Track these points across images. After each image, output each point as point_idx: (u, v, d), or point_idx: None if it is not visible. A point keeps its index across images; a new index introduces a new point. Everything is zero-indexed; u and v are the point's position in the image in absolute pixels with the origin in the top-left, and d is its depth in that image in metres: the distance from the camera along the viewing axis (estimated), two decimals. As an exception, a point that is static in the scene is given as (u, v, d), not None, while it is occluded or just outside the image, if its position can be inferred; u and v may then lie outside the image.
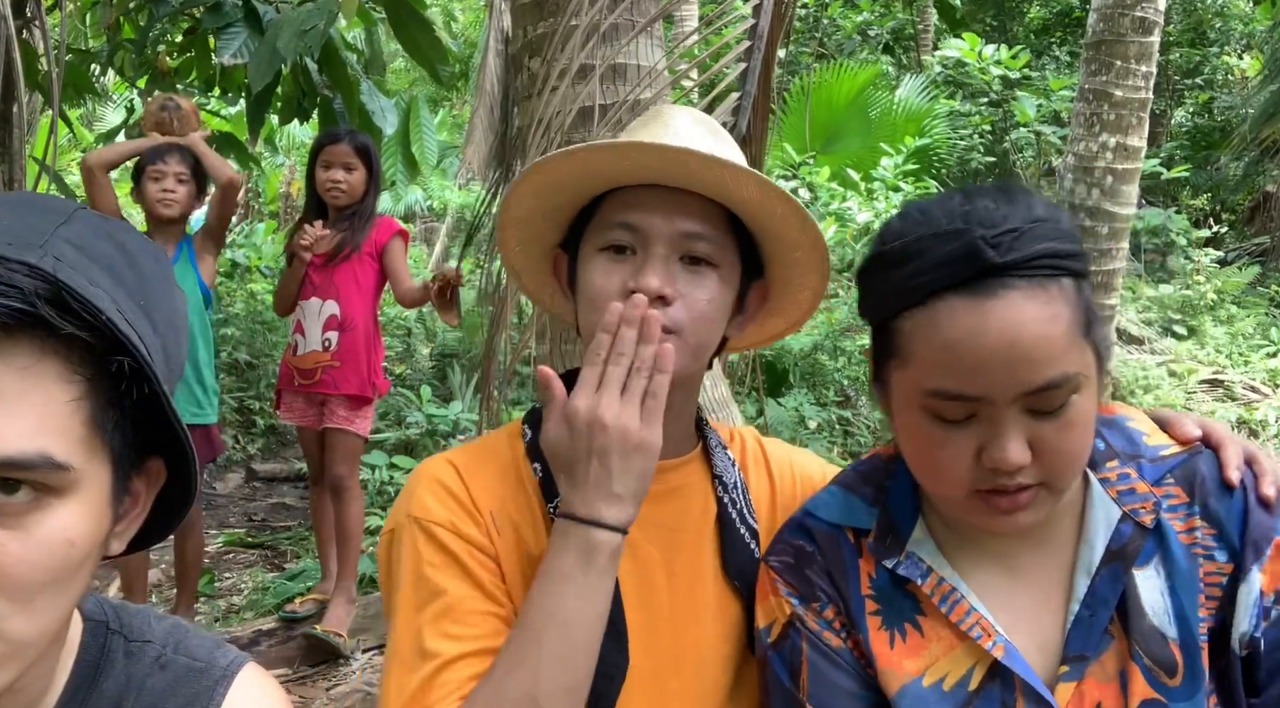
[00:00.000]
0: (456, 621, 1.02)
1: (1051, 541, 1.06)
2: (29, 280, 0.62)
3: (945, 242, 0.95)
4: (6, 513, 0.64)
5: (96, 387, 0.67)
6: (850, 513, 1.12)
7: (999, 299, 0.93)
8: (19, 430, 0.63)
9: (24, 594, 0.64)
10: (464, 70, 14.94)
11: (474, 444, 1.18)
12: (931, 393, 0.97)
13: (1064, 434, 0.95)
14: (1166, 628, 1.00)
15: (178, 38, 5.50)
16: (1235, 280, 9.42)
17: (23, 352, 0.63)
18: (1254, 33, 12.56)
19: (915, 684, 1.03)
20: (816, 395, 5.81)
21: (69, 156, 12.13)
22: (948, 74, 10.39)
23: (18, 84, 3.76)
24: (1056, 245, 0.95)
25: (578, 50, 2.43)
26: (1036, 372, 0.93)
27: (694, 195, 1.08)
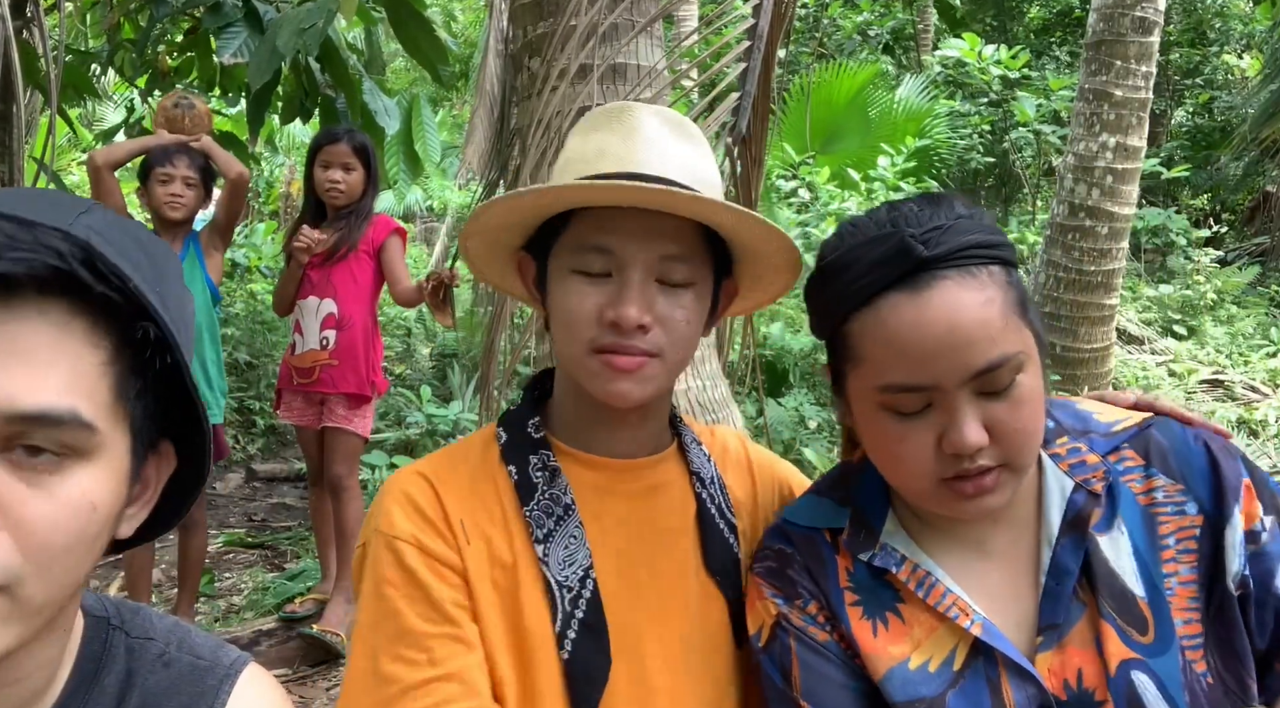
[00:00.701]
0: (411, 645, 1.02)
1: (1016, 519, 1.11)
2: (64, 244, 0.65)
3: (878, 245, 1.02)
4: (33, 472, 0.65)
5: (121, 355, 0.69)
6: (823, 515, 1.17)
7: (934, 290, 1.00)
8: (52, 386, 0.65)
9: (44, 555, 0.66)
10: (464, 70, 14.95)
11: (446, 451, 1.18)
12: (885, 388, 1.03)
13: (1016, 413, 1.01)
14: (1134, 587, 1.05)
15: (178, 38, 5.50)
16: (1235, 280, 9.42)
17: (55, 312, 0.66)
18: (1254, 33, 12.56)
19: (901, 667, 1.07)
20: (816, 395, 5.82)
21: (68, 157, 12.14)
22: (948, 74, 10.39)
23: (17, 84, 3.76)
24: (980, 236, 1.03)
25: (577, 50, 2.43)
26: (979, 353, 0.99)
27: (670, 214, 1.07)
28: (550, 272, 1.12)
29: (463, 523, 1.08)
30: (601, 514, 1.13)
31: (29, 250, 0.64)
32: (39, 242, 0.64)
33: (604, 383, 1.07)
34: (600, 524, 1.12)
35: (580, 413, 1.16)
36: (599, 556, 1.10)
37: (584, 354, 1.07)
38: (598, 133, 1.13)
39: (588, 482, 1.14)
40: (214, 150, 3.65)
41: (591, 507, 1.13)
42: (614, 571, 1.11)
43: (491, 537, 1.09)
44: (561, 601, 1.07)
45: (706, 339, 3.10)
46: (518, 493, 1.11)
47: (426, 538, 1.06)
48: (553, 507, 1.11)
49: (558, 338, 1.11)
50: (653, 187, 1.02)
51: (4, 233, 0.64)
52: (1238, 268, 9.92)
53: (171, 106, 3.70)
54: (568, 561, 1.09)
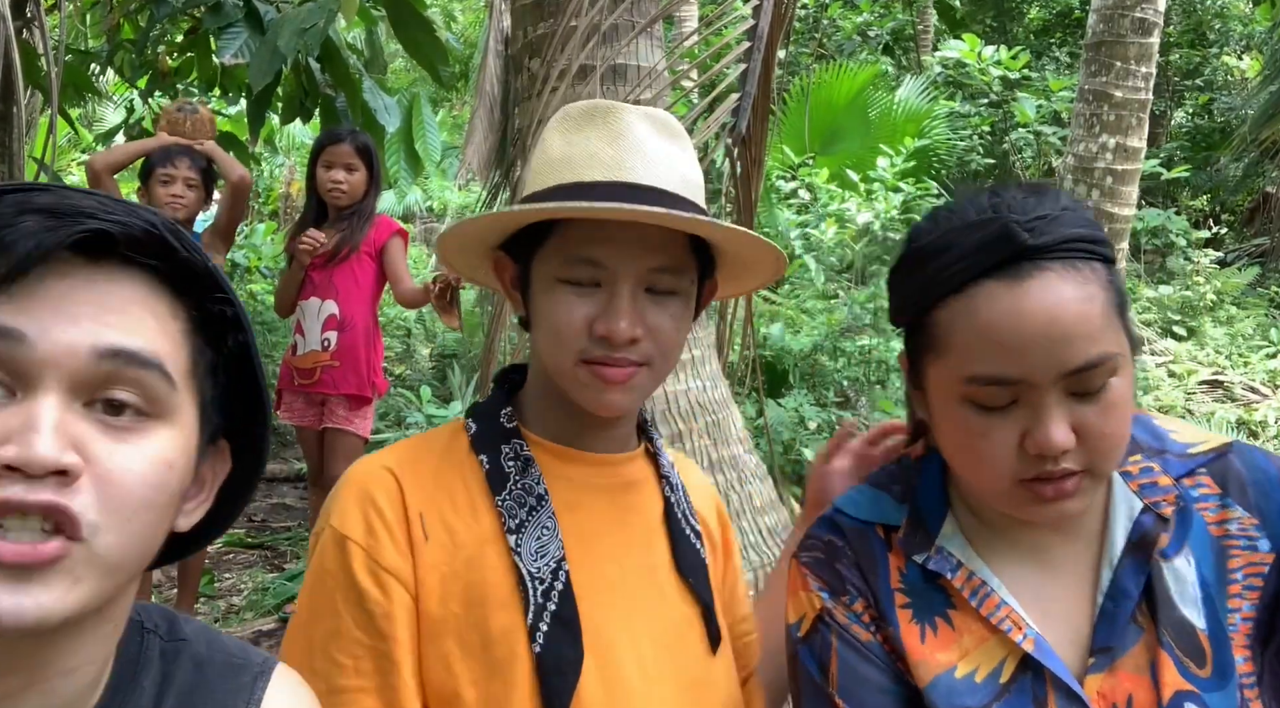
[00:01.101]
0: (342, 649, 1.02)
1: (1080, 533, 1.07)
2: (153, 216, 0.71)
3: (976, 230, 0.97)
4: (115, 428, 0.69)
5: (196, 329, 0.74)
6: (879, 509, 1.13)
7: (1035, 280, 0.95)
8: (143, 334, 0.70)
9: (124, 508, 0.68)
10: (464, 70, 14.95)
11: (413, 440, 1.18)
12: (972, 379, 0.98)
13: (1106, 417, 0.96)
14: (1195, 619, 1.01)
15: (178, 38, 5.50)
16: (1235, 281, 9.42)
17: (141, 278, 0.71)
18: (1254, 34, 12.56)
19: (948, 675, 1.04)
20: (816, 396, 5.81)
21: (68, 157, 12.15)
22: (947, 75, 10.39)
23: (17, 84, 3.76)
24: (1085, 231, 0.98)
25: (578, 51, 2.43)
26: (1076, 351, 0.94)
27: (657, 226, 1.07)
28: (534, 278, 1.11)
29: (422, 516, 1.07)
30: (574, 506, 1.12)
31: (123, 215, 0.69)
32: (130, 210, 0.70)
33: (594, 394, 1.07)
34: (573, 516, 1.11)
35: (554, 409, 1.15)
36: (571, 548, 1.09)
37: (572, 365, 1.07)
38: (582, 134, 1.12)
39: (560, 473, 1.13)
40: (217, 154, 3.67)
41: (564, 498, 1.11)
42: (585, 564, 1.09)
43: (456, 530, 1.07)
44: (534, 592, 1.05)
45: (706, 339, 3.10)
46: (489, 483, 1.10)
47: (378, 545, 1.04)
48: (525, 497, 1.10)
49: (543, 346, 1.11)
50: (651, 209, 1.01)
51: (98, 200, 0.69)
52: (1237, 269, 9.92)
53: (175, 110, 3.73)
54: (540, 552, 1.08)
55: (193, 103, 3.84)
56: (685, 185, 1.09)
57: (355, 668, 1.01)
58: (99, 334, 0.67)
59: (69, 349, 0.66)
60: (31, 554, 0.64)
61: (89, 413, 0.68)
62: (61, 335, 0.66)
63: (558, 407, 1.14)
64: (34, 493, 0.64)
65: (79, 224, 0.66)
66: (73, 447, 0.66)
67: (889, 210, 7.25)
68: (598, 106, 1.14)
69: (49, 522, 0.65)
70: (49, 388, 0.66)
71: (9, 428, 0.65)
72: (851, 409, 5.76)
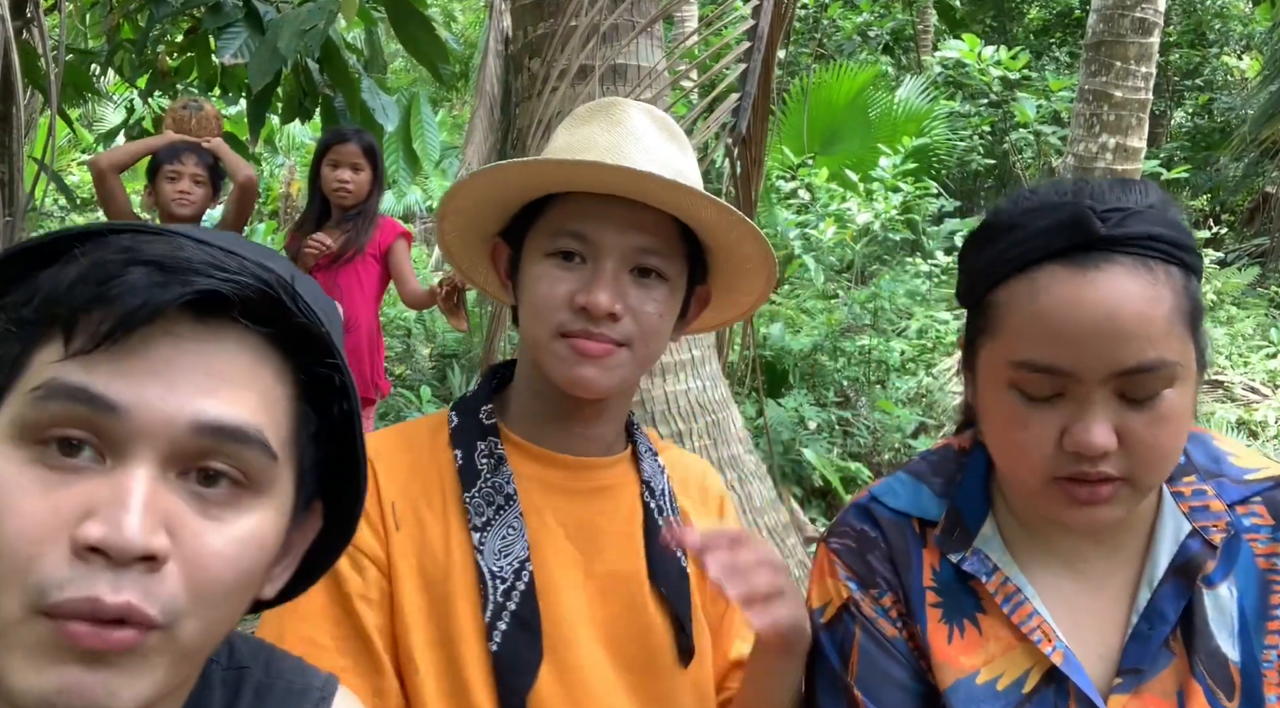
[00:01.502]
0: (322, 631, 1.02)
1: (1122, 548, 1.03)
2: (268, 274, 0.66)
3: (1051, 212, 0.93)
4: (208, 503, 0.64)
5: (303, 394, 0.69)
6: (918, 502, 1.10)
7: (1102, 271, 0.91)
8: (245, 405, 0.65)
9: (211, 595, 0.63)
10: (464, 70, 14.94)
11: (396, 428, 1.18)
12: (1020, 364, 0.94)
13: (1155, 429, 0.91)
14: (1229, 650, 0.97)
15: (178, 38, 5.50)
16: (1235, 281, 9.42)
17: (253, 338, 0.66)
18: (1254, 34, 12.56)
19: (969, 681, 1.02)
20: (816, 396, 5.81)
21: (68, 157, 12.14)
22: (947, 75, 10.39)
23: (17, 84, 3.76)
24: (1167, 231, 0.93)
25: (578, 51, 2.44)
26: (1132, 351, 0.90)
27: (649, 207, 1.06)
28: (524, 256, 1.11)
29: (394, 506, 1.07)
30: (543, 508, 1.11)
31: (237, 272, 0.64)
32: (245, 269, 0.64)
33: (568, 367, 1.06)
34: (541, 518, 1.10)
35: (536, 405, 1.14)
36: (537, 550, 1.08)
37: (550, 338, 1.06)
38: (585, 127, 1.14)
39: (532, 474, 1.12)
40: (224, 152, 3.68)
41: (534, 500, 1.11)
42: (550, 567, 1.09)
43: (427, 522, 1.08)
44: (494, 591, 1.05)
45: (706, 340, 3.10)
46: (460, 478, 1.10)
47: None
48: (494, 496, 1.09)
49: (525, 322, 1.10)
50: (634, 169, 1.01)
51: (211, 255, 0.64)
52: (1237, 269, 9.91)
53: (180, 108, 3.73)
54: (504, 551, 1.07)
55: (198, 100, 3.84)
56: (680, 178, 1.08)
57: (338, 649, 1.02)
58: (200, 406, 0.63)
59: (166, 421, 0.62)
60: (108, 639, 0.60)
61: (182, 484, 0.63)
62: (160, 405, 0.62)
63: (539, 403, 1.14)
64: (118, 594, 0.59)
65: (191, 283, 0.62)
66: (163, 525, 0.61)
67: (889, 210, 7.25)
68: (602, 102, 1.17)
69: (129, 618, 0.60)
70: (141, 458, 0.62)
71: (97, 499, 0.60)
72: (851, 409, 5.76)
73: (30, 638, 0.59)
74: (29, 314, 0.63)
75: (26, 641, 0.59)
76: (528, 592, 1.06)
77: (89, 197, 12.36)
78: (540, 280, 1.07)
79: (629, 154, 1.08)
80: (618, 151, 1.08)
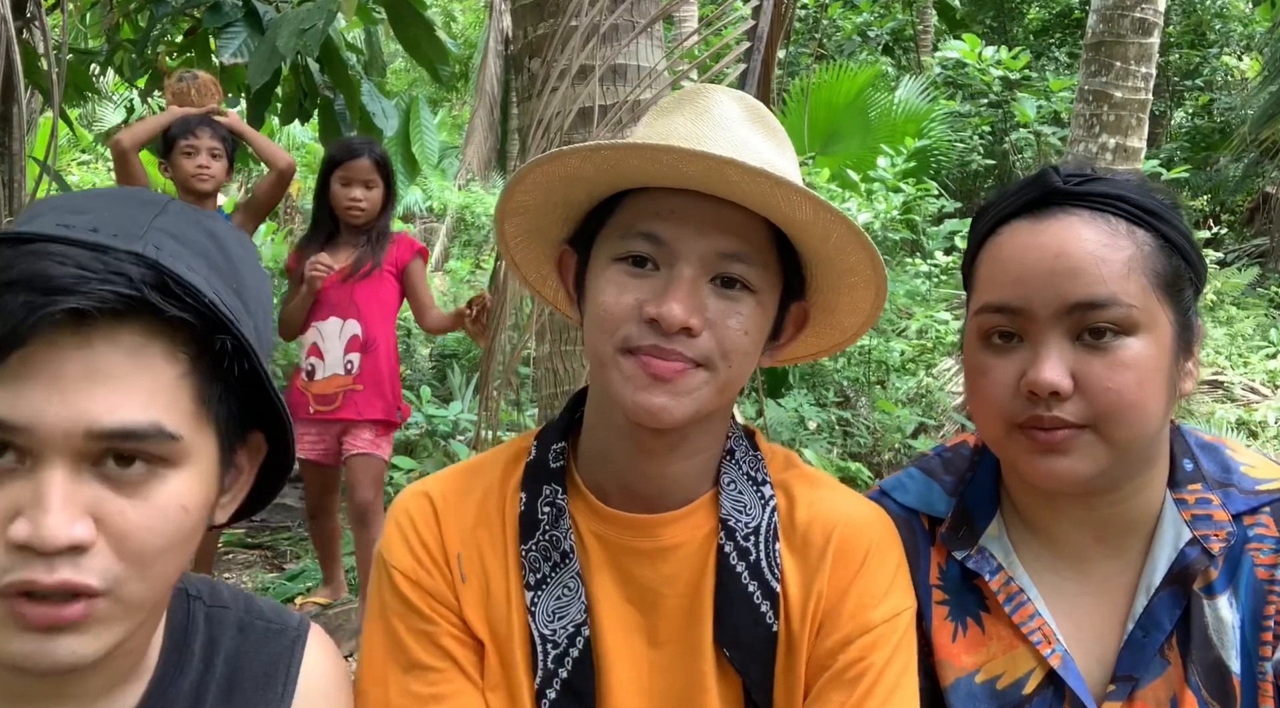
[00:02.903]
0: (419, 679, 0.97)
1: (1125, 550, 1.03)
2: (135, 268, 0.68)
3: (1025, 181, 1.01)
4: (125, 483, 0.70)
5: (200, 364, 0.73)
6: (927, 499, 1.11)
7: (1057, 220, 0.96)
8: (133, 404, 0.69)
9: (143, 559, 0.70)
10: (464, 71, 14.95)
11: (466, 465, 1.09)
12: (981, 310, 0.99)
13: (1113, 373, 0.93)
14: (1231, 662, 0.97)
15: (178, 38, 5.50)
16: (1234, 282, 9.41)
17: (131, 335, 0.69)
18: (1254, 34, 12.55)
19: (968, 679, 1.03)
20: (816, 396, 5.81)
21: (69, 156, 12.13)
22: (947, 75, 10.39)
23: (17, 84, 3.76)
24: (1138, 197, 0.97)
25: (578, 51, 2.43)
26: (1080, 285, 0.92)
27: (734, 205, 0.91)
28: (591, 262, 0.97)
29: (460, 558, 0.99)
30: (603, 568, 0.99)
31: (100, 281, 0.66)
32: (109, 270, 0.67)
33: (634, 391, 0.90)
34: (600, 578, 0.99)
35: (604, 438, 1.00)
36: (595, 614, 0.98)
37: (614, 354, 0.91)
38: (668, 117, 0.99)
39: (595, 530, 1.00)
40: (252, 136, 3.64)
41: (594, 557, 0.99)
42: (608, 633, 0.98)
43: (492, 573, 1.00)
44: (544, 657, 0.96)
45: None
46: (520, 526, 1.00)
47: (422, 572, 0.99)
48: (550, 551, 0.98)
49: (589, 337, 0.95)
50: (711, 154, 0.85)
51: (75, 263, 0.67)
52: (1237, 269, 9.91)
53: (176, 81, 3.68)
54: (558, 614, 0.97)
55: (190, 70, 3.81)
56: (772, 170, 0.90)
57: (432, 695, 0.97)
58: (93, 415, 0.68)
59: (66, 433, 0.67)
60: (56, 616, 0.67)
61: (98, 471, 0.69)
62: (57, 421, 0.67)
63: (607, 436, 0.99)
64: (51, 573, 0.67)
65: (56, 302, 0.65)
66: (85, 514, 0.68)
67: (889, 210, 7.25)
68: (689, 90, 1.03)
69: (68, 591, 0.68)
70: (53, 462, 0.68)
71: (20, 500, 0.67)
72: (851, 409, 5.75)
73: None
74: None
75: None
76: (581, 659, 0.96)
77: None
78: (606, 288, 0.92)
79: (712, 143, 0.92)
80: (699, 141, 0.92)
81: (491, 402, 2.81)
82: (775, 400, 5.47)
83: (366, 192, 3.41)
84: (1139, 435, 0.96)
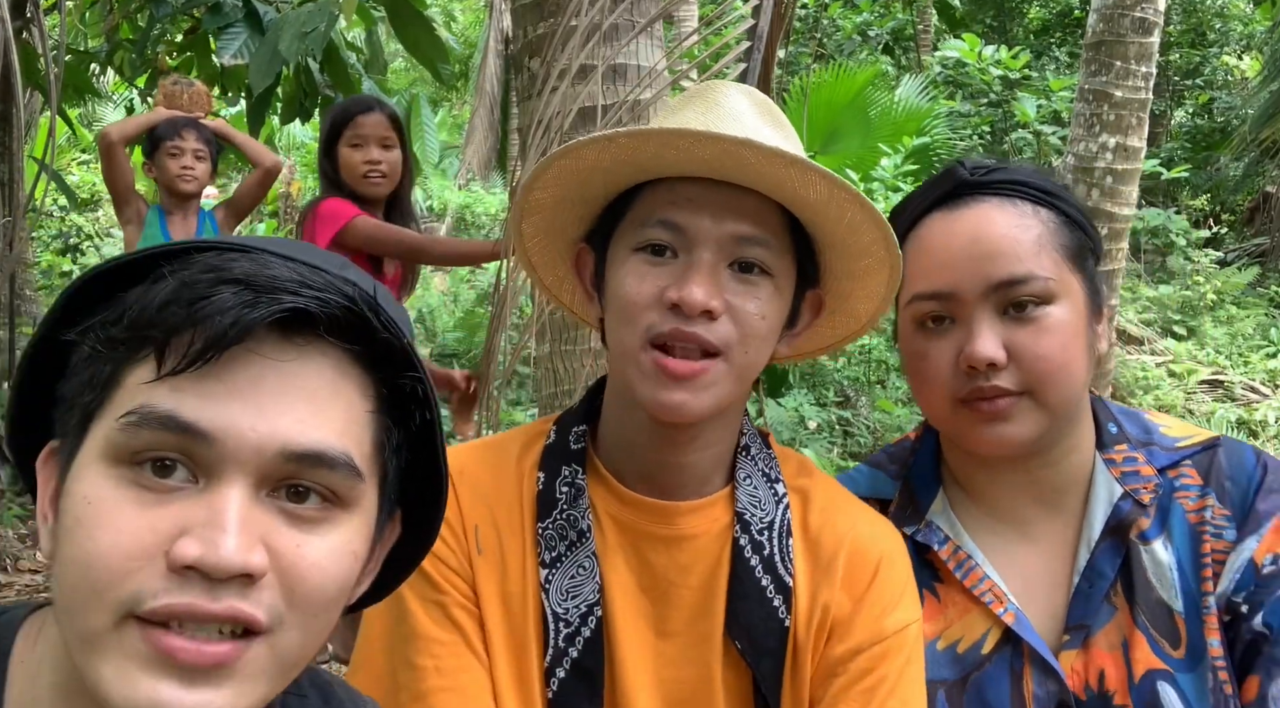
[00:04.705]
0: (422, 651, 0.97)
1: (1062, 509, 1.11)
2: (352, 289, 0.66)
3: (934, 178, 1.12)
4: (301, 518, 0.64)
5: (384, 406, 0.69)
6: (875, 486, 1.19)
7: (969, 208, 1.06)
8: (331, 428, 0.65)
9: (309, 604, 0.64)
10: (464, 70, 14.94)
11: (485, 441, 1.11)
12: (912, 299, 1.08)
13: (1040, 339, 1.02)
14: (1172, 601, 1.05)
15: (178, 37, 5.50)
16: (1235, 281, 9.41)
17: (336, 354, 0.66)
18: (1254, 33, 12.55)
19: (930, 648, 1.08)
20: (816, 396, 5.81)
21: (68, 156, 12.13)
22: (947, 74, 10.38)
23: (17, 84, 3.76)
24: (1035, 180, 1.07)
25: (578, 51, 2.43)
26: (1000, 266, 1.02)
27: (748, 191, 0.93)
28: (610, 257, 0.99)
29: (477, 530, 1.00)
30: (619, 550, 1.00)
31: (323, 289, 0.64)
32: (331, 284, 0.65)
33: (654, 389, 0.92)
34: (614, 561, 1.00)
35: (625, 426, 1.02)
36: (608, 596, 0.99)
37: (639, 348, 0.93)
38: (680, 112, 1.01)
39: (613, 512, 1.01)
40: (241, 139, 3.68)
41: (611, 539, 1.00)
42: (619, 616, 0.99)
43: (509, 549, 1.00)
44: (556, 635, 0.97)
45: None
46: (537, 505, 1.01)
47: (441, 546, 0.99)
48: (567, 529, 0.99)
49: (611, 329, 0.98)
50: (725, 135, 0.87)
51: (298, 271, 0.64)
52: (1237, 268, 9.91)
53: (171, 84, 3.73)
54: (571, 592, 0.98)
55: (189, 79, 3.86)
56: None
57: (436, 668, 0.96)
58: (289, 433, 0.63)
59: (257, 448, 0.62)
60: (205, 656, 0.60)
61: (273, 501, 0.64)
62: (250, 433, 0.62)
63: (629, 425, 1.01)
64: (217, 601, 0.60)
65: (279, 302, 0.62)
66: (259, 542, 0.62)
67: (889, 210, 7.25)
68: (700, 86, 1.06)
69: (228, 626, 0.61)
70: (234, 480, 0.62)
71: (193, 519, 0.61)
72: (851, 409, 5.75)
73: (124, 647, 0.59)
74: (119, 334, 0.63)
75: (121, 649, 0.60)
76: (593, 639, 0.97)
77: (89, 197, 12.35)
78: (627, 279, 0.94)
79: (725, 131, 0.93)
80: (713, 129, 0.94)
81: (491, 402, 2.81)
82: (775, 400, 5.47)
83: (385, 152, 2.91)
84: (1069, 396, 1.05)
